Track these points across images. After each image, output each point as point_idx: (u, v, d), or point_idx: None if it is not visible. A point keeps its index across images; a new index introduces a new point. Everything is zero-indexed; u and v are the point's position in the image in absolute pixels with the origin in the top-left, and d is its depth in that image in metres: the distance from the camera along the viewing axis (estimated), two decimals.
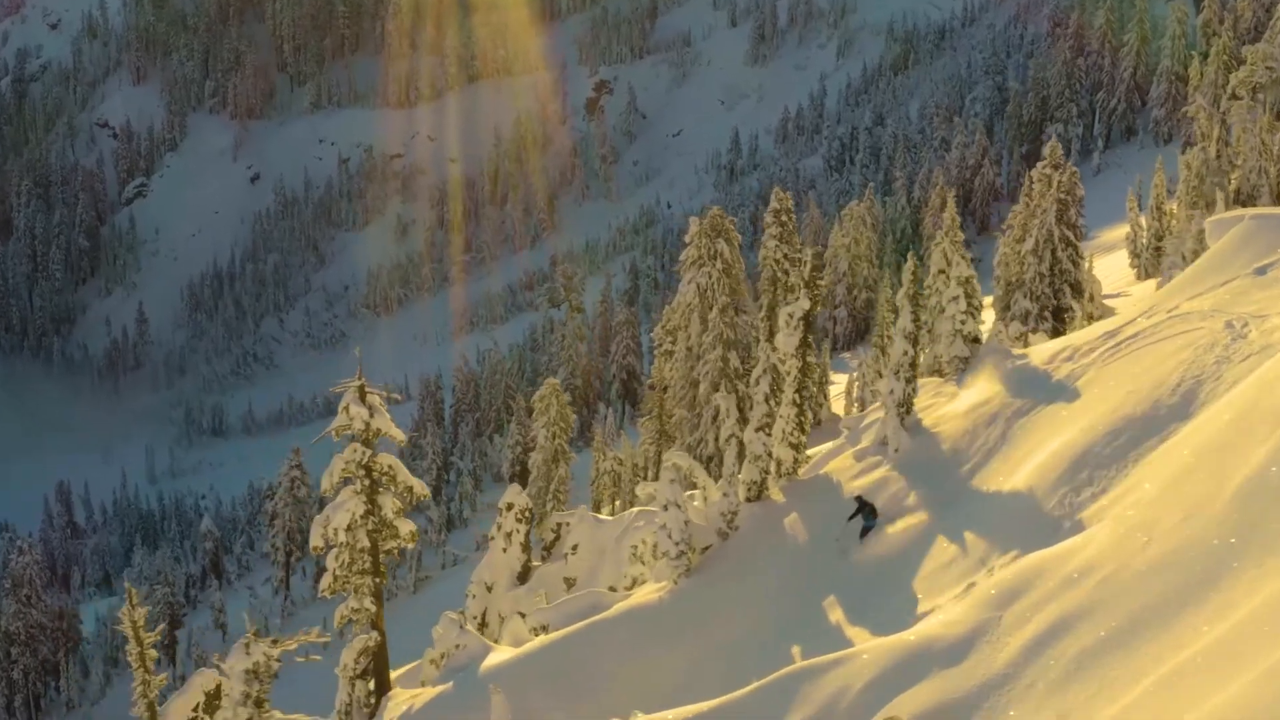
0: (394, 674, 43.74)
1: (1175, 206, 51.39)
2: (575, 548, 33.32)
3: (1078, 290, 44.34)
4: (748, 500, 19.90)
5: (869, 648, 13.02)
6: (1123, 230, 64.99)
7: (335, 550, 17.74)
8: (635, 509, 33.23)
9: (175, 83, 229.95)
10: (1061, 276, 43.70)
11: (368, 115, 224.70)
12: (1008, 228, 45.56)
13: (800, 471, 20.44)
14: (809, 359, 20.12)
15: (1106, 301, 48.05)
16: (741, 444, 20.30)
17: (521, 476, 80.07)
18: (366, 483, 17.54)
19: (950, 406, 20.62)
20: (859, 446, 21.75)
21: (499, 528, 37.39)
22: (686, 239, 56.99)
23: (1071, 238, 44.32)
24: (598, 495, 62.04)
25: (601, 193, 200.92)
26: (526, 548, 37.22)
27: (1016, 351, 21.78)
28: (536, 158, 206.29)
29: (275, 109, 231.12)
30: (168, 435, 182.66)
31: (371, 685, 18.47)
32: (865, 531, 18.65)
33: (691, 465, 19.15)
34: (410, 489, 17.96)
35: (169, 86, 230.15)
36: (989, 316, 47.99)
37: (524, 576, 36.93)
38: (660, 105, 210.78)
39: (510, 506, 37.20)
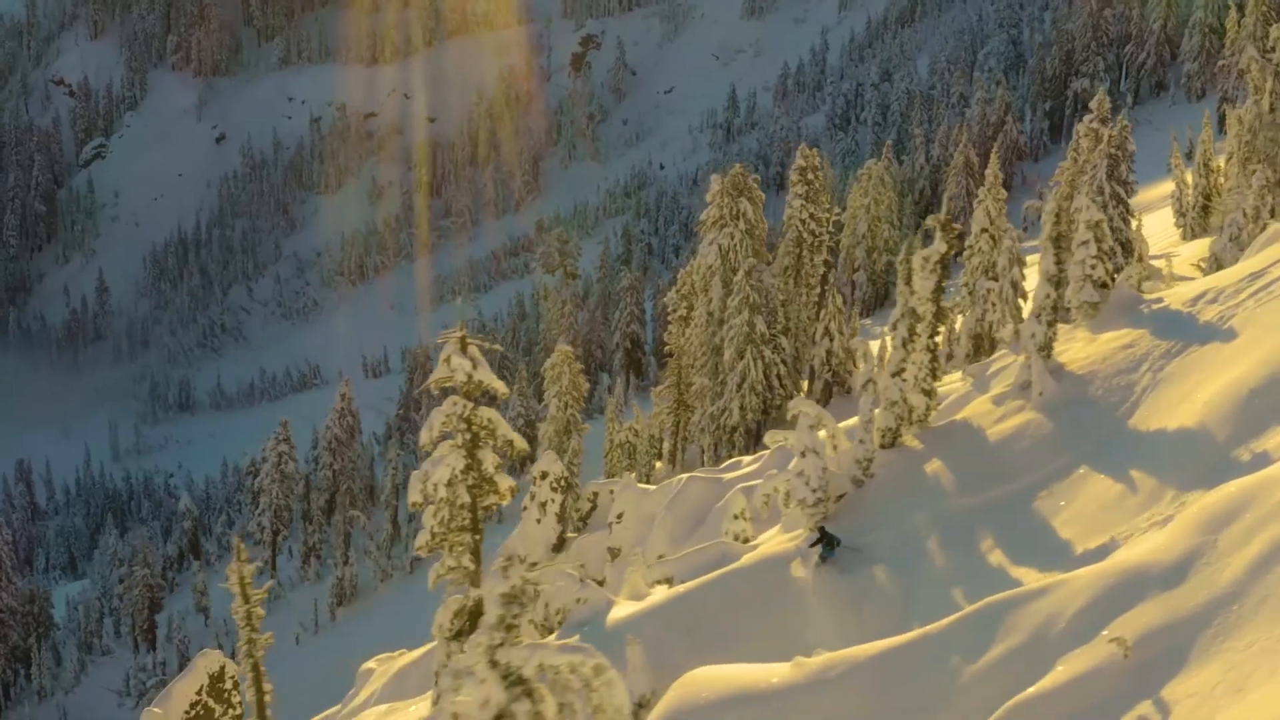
0: (414, 654, 43.76)
1: (1223, 163, 51.58)
2: (620, 516, 33.43)
3: (1128, 250, 44.51)
4: (882, 447, 20.13)
5: (1076, 576, 13.21)
6: (1158, 189, 65.21)
7: (434, 506, 17.85)
8: (684, 475, 33.34)
9: (135, 38, 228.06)
10: (1112, 235, 43.79)
11: (339, 72, 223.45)
12: (1055, 184, 45.69)
13: (930, 419, 20.69)
14: (942, 304, 20.28)
15: (1154, 262, 48.24)
16: (876, 389, 20.52)
17: None
18: (467, 437, 17.62)
19: (1088, 350, 20.79)
20: (994, 393, 21.92)
21: (532, 497, 37.37)
22: (708, 198, 57.14)
23: (1123, 194, 44.52)
24: (611, 468, 62.09)
25: (588, 154, 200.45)
26: (562, 518, 37.35)
27: (1149, 296, 21.93)
28: (518, 117, 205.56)
29: (241, 65, 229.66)
30: (131, 411, 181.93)
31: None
32: (823, 560, 18.78)
33: (820, 413, 19.27)
34: (510, 443, 18.07)
35: (128, 42, 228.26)
36: (1031, 275, 48.16)
37: (559, 548, 37.07)
38: (651, 61, 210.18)
39: (544, 475, 37.19)
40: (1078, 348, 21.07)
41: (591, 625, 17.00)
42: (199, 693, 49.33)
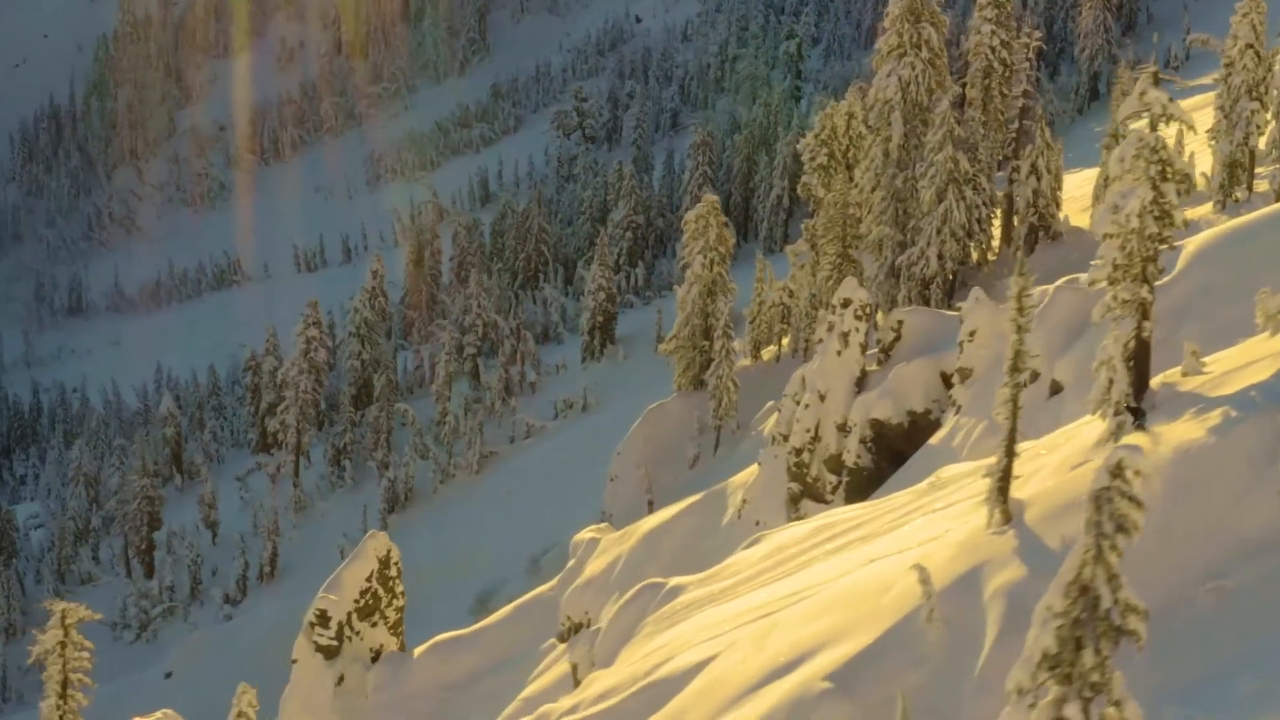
0: (661, 517, 46.63)
1: None
2: (973, 334, 36.51)
3: None
4: None
5: None
6: None
7: (1119, 239, 21.01)
8: (1049, 286, 36.08)
9: None
10: None
11: None
12: None
13: None
14: None
15: None
16: None
17: (604, 328, 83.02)
18: (1156, 169, 20.69)
19: None
20: None
21: (831, 328, 40.43)
22: (885, 24, 59.78)
23: None
24: (757, 335, 65.20)
25: (545, 5, 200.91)
26: (865, 349, 40.45)
27: None
28: None
29: None
30: (11, 316, 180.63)
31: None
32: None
33: None
34: (1188, 177, 21.24)
35: None
36: None
37: (861, 382, 40.16)
38: None
39: (847, 303, 40.23)
40: None
41: None
42: (369, 579, 52.39)
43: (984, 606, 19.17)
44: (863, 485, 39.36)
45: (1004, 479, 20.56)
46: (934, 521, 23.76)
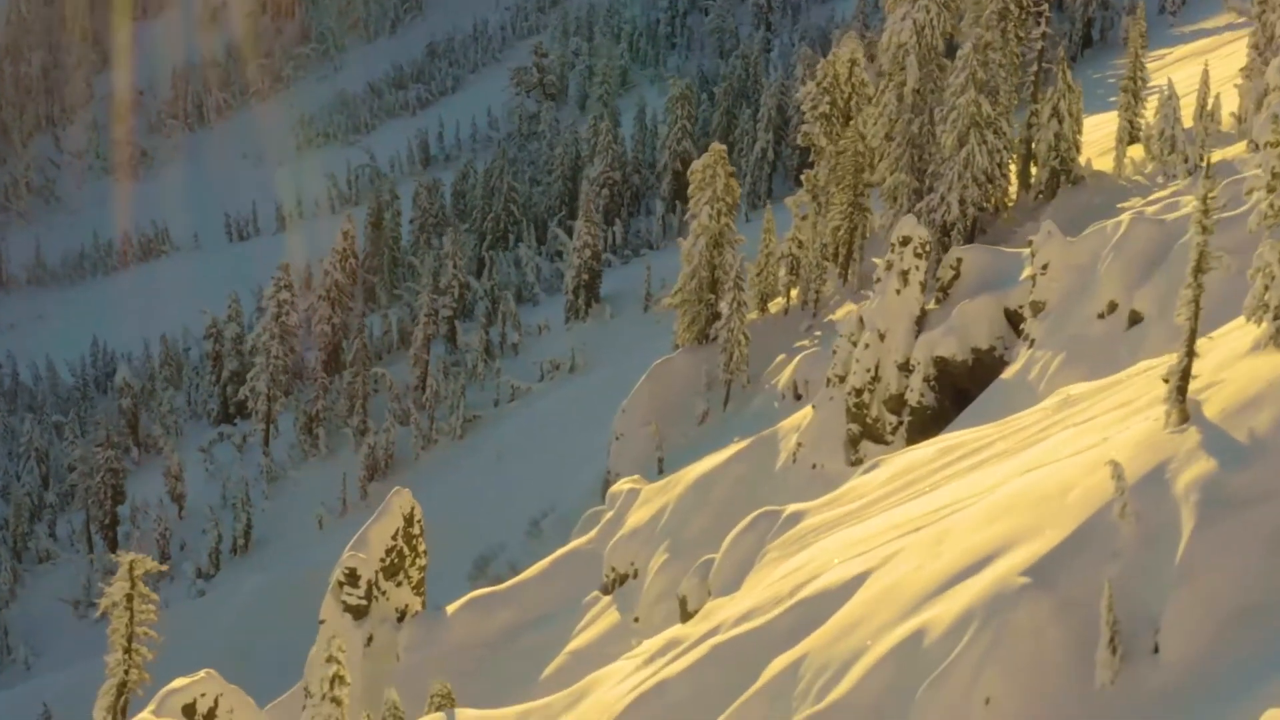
0: (710, 462, 47.72)
1: None
2: (1046, 267, 37.86)
3: None
4: None
5: None
6: None
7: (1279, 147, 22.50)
8: (1125, 215, 37.50)
9: None
10: None
11: None
12: None
13: None
14: None
15: None
16: None
17: (589, 286, 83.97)
18: None
19: None
20: None
21: (889, 266, 41.69)
22: None
23: None
24: (764, 287, 66.37)
25: None
26: (925, 288, 41.79)
27: None
28: None
29: None
30: None
31: None
32: None
33: None
34: None
35: None
36: None
37: (921, 321, 41.51)
38: None
39: (906, 240, 41.51)
40: None
41: None
42: (394, 537, 53.42)
43: (1175, 500, 20.41)
44: (926, 424, 40.58)
45: (1184, 379, 21.88)
46: (1082, 432, 25.07)
